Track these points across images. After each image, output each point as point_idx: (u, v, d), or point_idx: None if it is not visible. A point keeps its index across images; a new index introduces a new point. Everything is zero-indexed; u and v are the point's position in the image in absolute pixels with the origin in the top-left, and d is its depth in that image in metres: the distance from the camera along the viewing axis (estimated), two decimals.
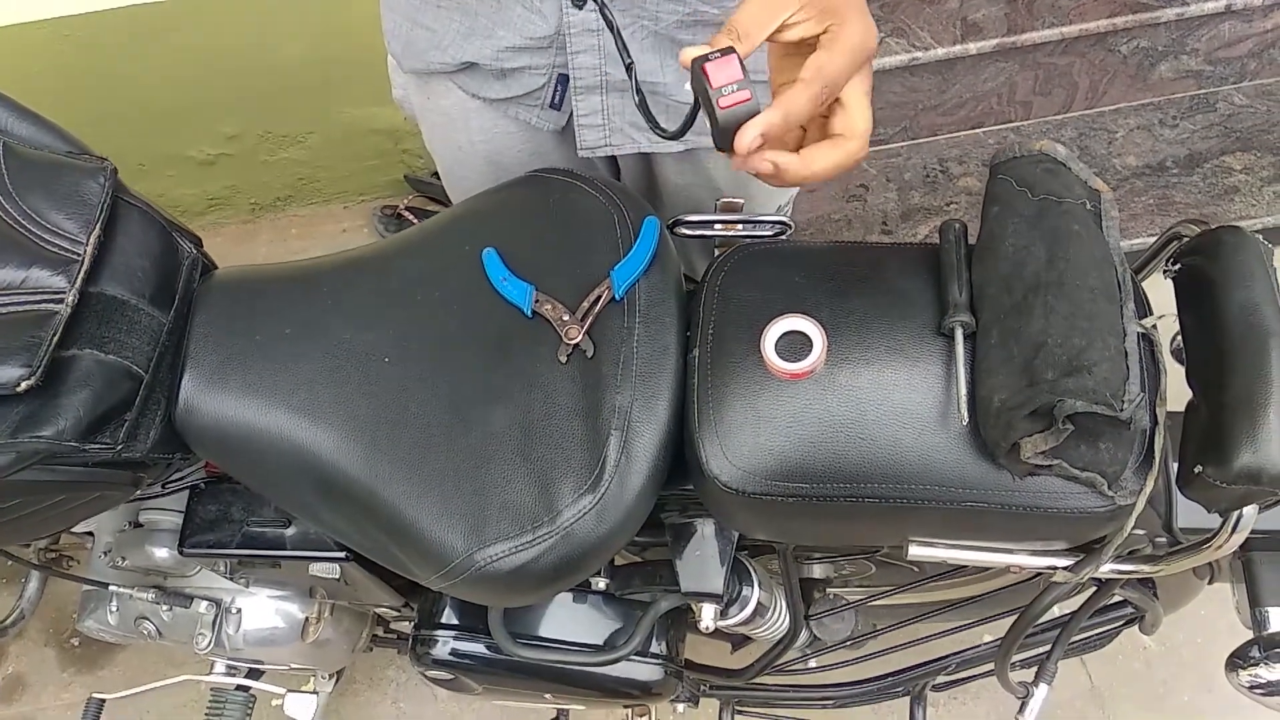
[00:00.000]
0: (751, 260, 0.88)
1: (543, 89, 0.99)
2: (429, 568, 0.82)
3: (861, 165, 2.10)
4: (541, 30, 0.94)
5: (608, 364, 0.83)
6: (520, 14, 0.93)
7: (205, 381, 0.87)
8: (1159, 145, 2.07)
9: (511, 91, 1.00)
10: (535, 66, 0.97)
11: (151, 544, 1.12)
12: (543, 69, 0.97)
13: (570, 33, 0.93)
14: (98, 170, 0.85)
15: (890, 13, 1.96)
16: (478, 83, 1.02)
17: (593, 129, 1.01)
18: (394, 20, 1.04)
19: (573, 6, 0.91)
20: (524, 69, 0.97)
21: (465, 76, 1.03)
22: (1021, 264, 0.77)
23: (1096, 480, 0.73)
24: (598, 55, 0.95)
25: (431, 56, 1.02)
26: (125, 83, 1.87)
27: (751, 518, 0.86)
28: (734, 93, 0.63)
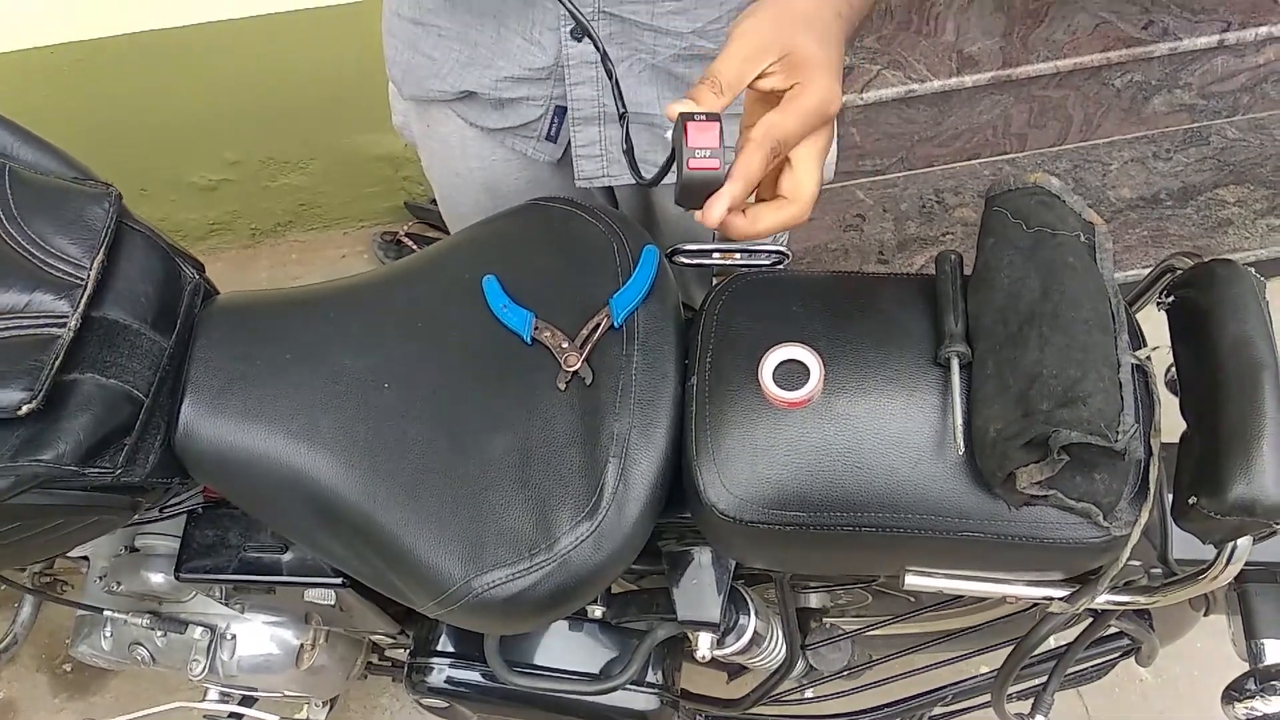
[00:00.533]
0: (749, 289, 0.89)
1: (540, 120, 1.00)
2: (426, 594, 0.82)
3: (858, 195, 2.12)
4: (540, 61, 0.95)
5: (606, 391, 0.84)
6: (520, 45, 0.95)
7: (205, 406, 0.87)
8: (1153, 178, 2.09)
9: (509, 121, 1.02)
10: (533, 97, 0.98)
11: (147, 569, 1.12)
12: (540, 100, 0.99)
13: (569, 65, 0.94)
14: (102, 196, 0.85)
15: (887, 45, 1.99)
16: (476, 112, 1.04)
17: (591, 159, 1.02)
18: (395, 47, 1.06)
19: (571, 39, 0.92)
20: (522, 99, 0.99)
21: (464, 105, 1.04)
22: (1017, 295, 0.78)
23: (1092, 511, 0.73)
24: (595, 87, 0.96)
25: (431, 84, 1.03)
26: (130, 108, 1.89)
27: (749, 546, 0.86)
28: (705, 158, 0.65)
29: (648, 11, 0.91)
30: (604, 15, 0.91)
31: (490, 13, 0.93)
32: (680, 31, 0.93)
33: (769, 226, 0.70)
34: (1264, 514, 0.70)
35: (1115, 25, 1.99)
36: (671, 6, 0.91)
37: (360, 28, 1.76)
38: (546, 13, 0.91)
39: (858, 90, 1.92)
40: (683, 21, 0.93)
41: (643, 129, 1.00)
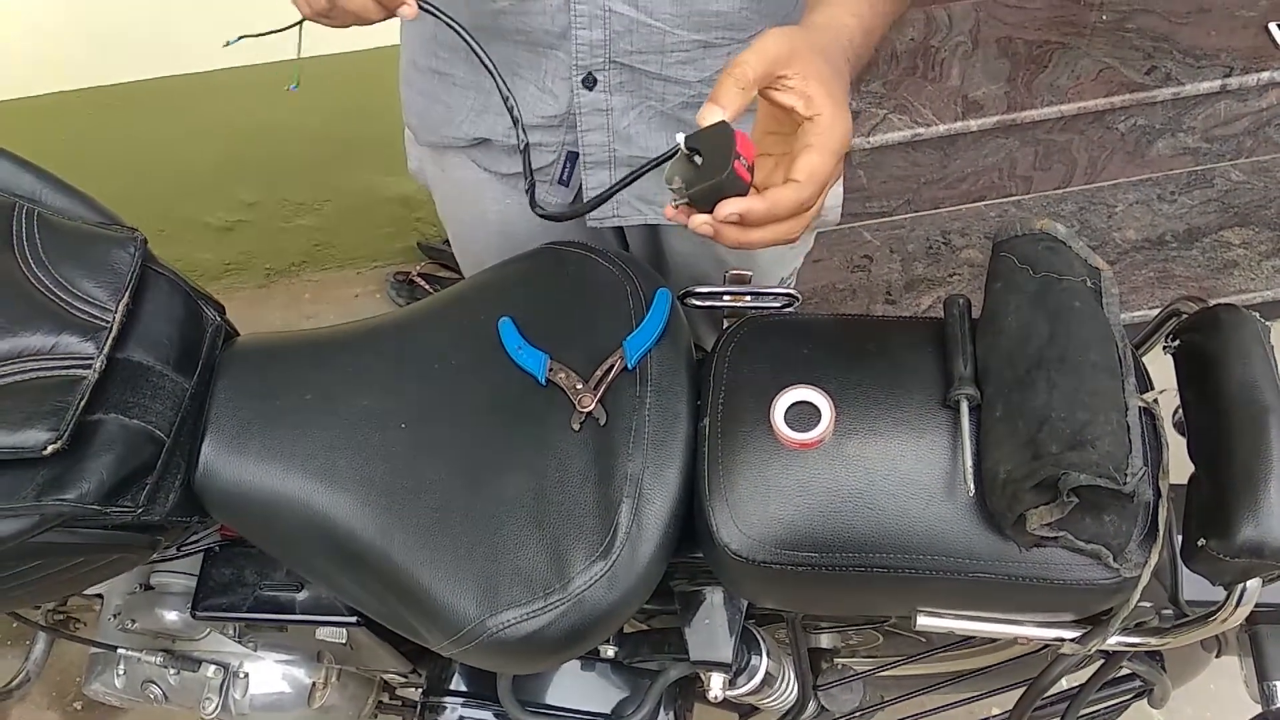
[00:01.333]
0: (760, 332, 0.90)
1: (552, 165, 1.02)
2: (441, 633, 0.83)
3: (865, 236, 2.14)
4: (552, 110, 0.98)
5: (620, 432, 0.85)
6: (533, 94, 0.97)
7: (225, 446, 0.89)
8: (1158, 220, 2.11)
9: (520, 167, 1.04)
10: (545, 144, 1.01)
11: (162, 607, 1.13)
12: (553, 146, 1.01)
13: (580, 112, 0.97)
14: (128, 240, 0.87)
15: (893, 90, 2.02)
16: (490, 158, 1.06)
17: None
18: (411, 96, 1.09)
19: (583, 88, 0.95)
20: (535, 145, 1.01)
21: (478, 152, 1.06)
22: (1025, 339, 0.79)
23: (1102, 552, 0.74)
24: (606, 134, 0.98)
25: (446, 130, 1.06)
26: (149, 151, 1.92)
27: (761, 586, 0.87)
28: (744, 168, 0.67)
29: (657, 62, 0.93)
30: (614, 65, 0.93)
31: (504, 63, 0.95)
32: (688, 80, 0.96)
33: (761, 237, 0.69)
34: (1272, 556, 0.71)
35: (1119, 70, 2.02)
36: (680, 57, 0.93)
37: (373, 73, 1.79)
38: (559, 63, 0.94)
39: (865, 134, 1.95)
40: (691, 71, 0.95)
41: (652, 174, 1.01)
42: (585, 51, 0.92)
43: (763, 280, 1.17)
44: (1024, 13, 2.13)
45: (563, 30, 0.91)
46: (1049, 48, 2.07)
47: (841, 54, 0.73)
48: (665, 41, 0.92)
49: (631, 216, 1.07)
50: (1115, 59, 2.04)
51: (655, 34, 0.91)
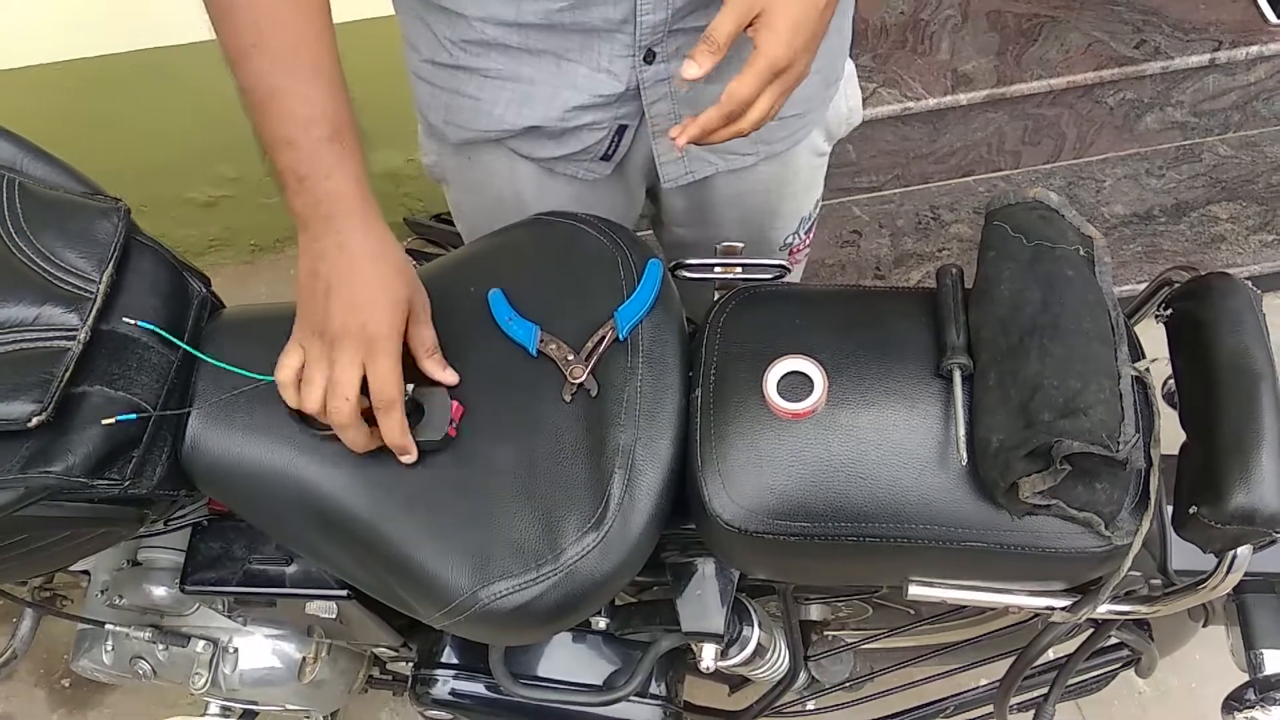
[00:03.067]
0: (752, 303, 0.90)
1: (600, 143, 1.00)
2: (432, 605, 0.83)
3: (854, 211, 2.13)
4: (612, 89, 0.95)
5: (612, 404, 0.85)
6: (585, 75, 0.94)
7: (212, 419, 0.88)
8: (1146, 194, 2.11)
9: (567, 149, 1.01)
10: (598, 122, 0.98)
11: (150, 582, 1.12)
12: (604, 123, 0.99)
13: (645, 87, 0.95)
14: (111, 210, 0.86)
15: (883, 64, 2.01)
16: (533, 144, 1.03)
17: (673, 163, 1.04)
18: (430, 91, 1.03)
19: (644, 64, 0.93)
20: (586, 126, 0.99)
21: (519, 140, 1.03)
22: (1017, 308, 0.79)
23: (1094, 520, 0.74)
24: (671, 101, 0.97)
25: (482, 125, 1.02)
26: (131, 125, 1.89)
27: (753, 556, 0.87)
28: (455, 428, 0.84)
29: (706, 15, 0.91)
30: (673, 33, 0.91)
31: (553, 50, 0.94)
32: None
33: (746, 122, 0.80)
34: (1263, 523, 0.71)
35: (1108, 44, 2.01)
36: None
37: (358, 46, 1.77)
38: (618, 44, 0.92)
39: None
40: None
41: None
42: (648, 33, 0.90)
43: (787, 219, 1.18)
44: None
45: (624, 17, 0.89)
46: (1038, 21, 2.06)
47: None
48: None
49: (702, 169, 1.06)
50: (1104, 32, 2.03)
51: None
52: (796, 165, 1.11)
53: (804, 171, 1.13)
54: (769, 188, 1.12)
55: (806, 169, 1.13)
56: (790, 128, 1.06)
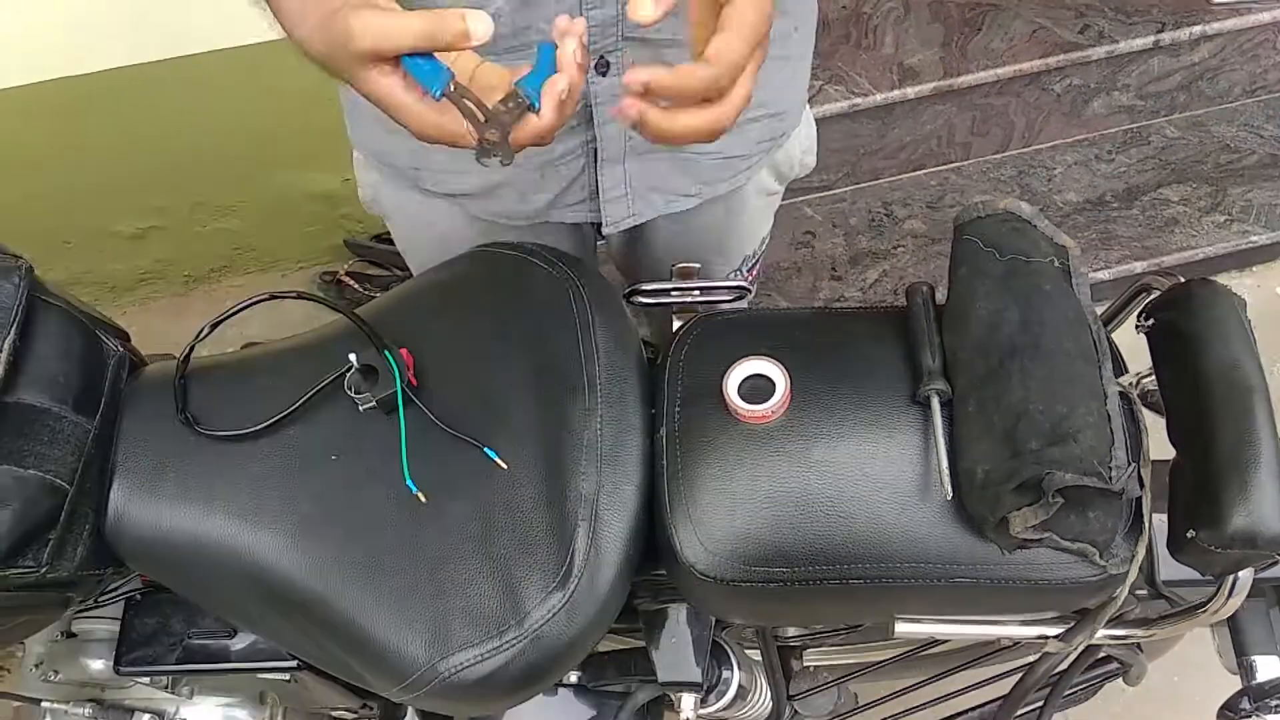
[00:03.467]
0: (715, 331, 0.85)
1: (583, 174, 0.94)
2: (388, 680, 0.77)
3: (806, 212, 2.09)
4: None
5: (570, 449, 0.79)
6: None
7: (137, 489, 0.81)
8: (1097, 180, 2.10)
9: (554, 190, 0.95)
10: (569, 152, 0.92)
11: (86, 655, 1.04)
12: (576, 151, 0.92)
13: (596, 103, 0.88)
14: (11, 270, 0.79)
15: (827, 60, 1.97)
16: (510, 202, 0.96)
17: (616, 202, 0.97)
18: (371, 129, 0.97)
19: (597, 74, 0.86)
20: (561, 159, 0.92)
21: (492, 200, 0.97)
22: (995, 327, 0.75)
23: (1088, 550, 0.70)
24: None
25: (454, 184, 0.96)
26: (48, 159, 1.80)
27: (729, 604, 0.82)
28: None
29: (671, 25, 0.84)
30: (627, 41, 0.85)
31: None
32: None
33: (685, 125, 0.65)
34: (1266, 546, 0.68)
35: (1051, 31, 1.99)
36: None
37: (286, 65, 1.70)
38: None
39: None
40: None
41: (665, 157, 0.95)
42: (598, 32, 0.82)
43: (732, 256, 1.12)
44: None
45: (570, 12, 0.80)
46: (981, 10, 2.04)
47: None
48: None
49: (645, 212, 0.99)
50: (1048, 19, 2.01)
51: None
52: (744, 205, 1.06)
53: (751, 211, 1.08)
54: (714, 226, 1.07)
55: (754, 209, 1.08)
56: (734, 168, 1.00)
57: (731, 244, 1.10)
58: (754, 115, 0.95)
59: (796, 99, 1.02)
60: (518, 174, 0.94)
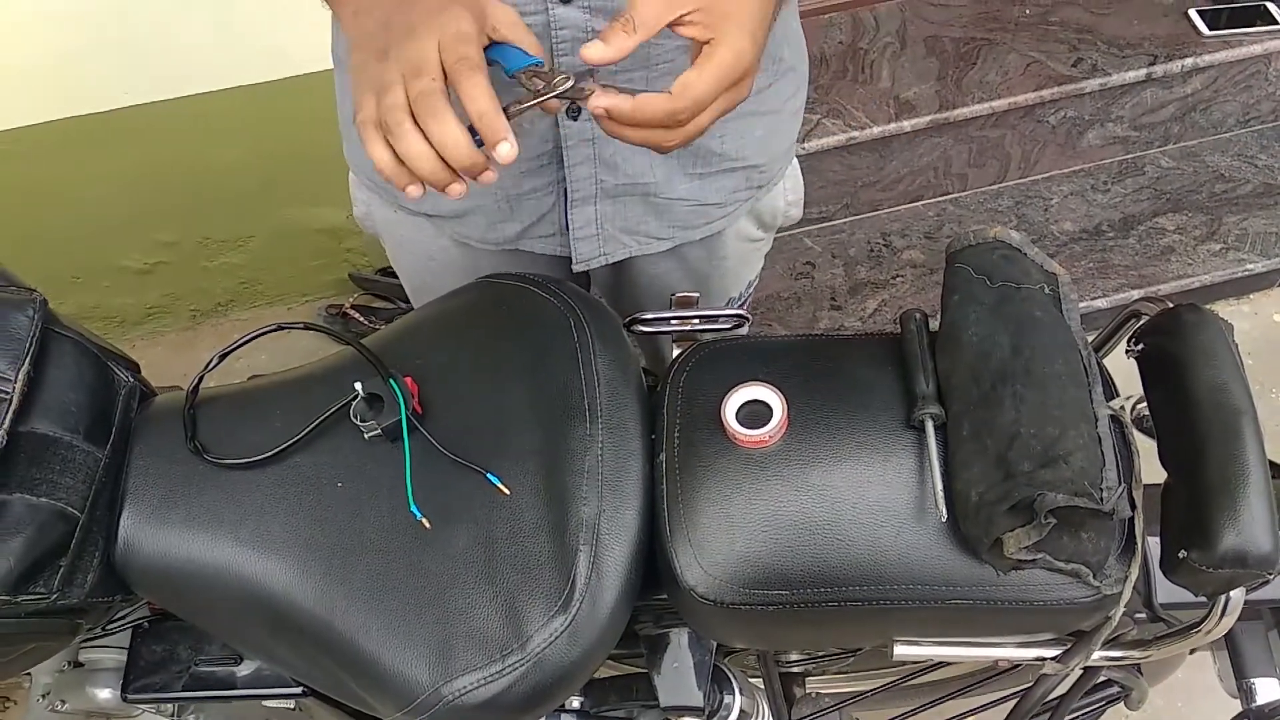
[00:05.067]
0: (713, 358, 0.86)
1: (553, 210, 0.97)
2: (392, 704, 0.77)
3: (806, 243, 2.12)
4: (537, 149, 0.92)
5: (572, 475, 0.80)
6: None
7: (146, 517, 0.82)
8: (1093, 210, 2.12)
9: (522, 221, 0.98)
10: (538, 188, 0.95)
11: (93, 685, 1.05)
12: (547, 188, 0.95)
13: (567, 145, 0.91)
14: (25, 303, 0.80)
15: (825, 94, 2.00)
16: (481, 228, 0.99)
17: (587, 240, 0.99)
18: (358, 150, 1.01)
19: (569, 119, 0.89)
20: (529, 193, 0.95)
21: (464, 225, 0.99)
22: (987, 353, 0.76)
23: (1082, 571, 0.71)
24: (593, 164, 0.93)
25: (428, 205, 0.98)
26: (56, 196, 1.83)
27: (730, 627, 0.83)
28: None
29: (643, 78, 0.87)
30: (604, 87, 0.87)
31: None
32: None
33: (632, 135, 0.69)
34: (1256, 564, 0.69)
35: (1045, 64, 2.02)
36: (665, 69, 0.87)
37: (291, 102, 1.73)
38: None
39: (800, 140, 1.92)
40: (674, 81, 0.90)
41: (638, 200, 0.98)
42: None
43: (714, 297, 1.14)
44: (949, 10, 2.14)
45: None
46: (975, 44, 2.07)
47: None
48: (650, 54, 0.86)
49: (616, 252, 1.02)
50: (1041, 53, 2.05)
51: (640, 47, 0.85)
52: (723, 250, 1.07)
53: (732, 257, 1.09)
54: (695, 268, 1.08)
55: (736, 253, 1.09)
56: (709, 215, 1.02)
57: (714, 285, 1.11)
58: (730, 166, 0.97)
59: (777, 152, 1.03)
60: (487, 202, 0.96)
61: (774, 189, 1.06)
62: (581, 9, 0.82)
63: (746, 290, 1.18)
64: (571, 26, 0.83)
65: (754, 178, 1.02)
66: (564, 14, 0.82)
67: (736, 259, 1.10)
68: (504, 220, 0.99)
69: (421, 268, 1.10)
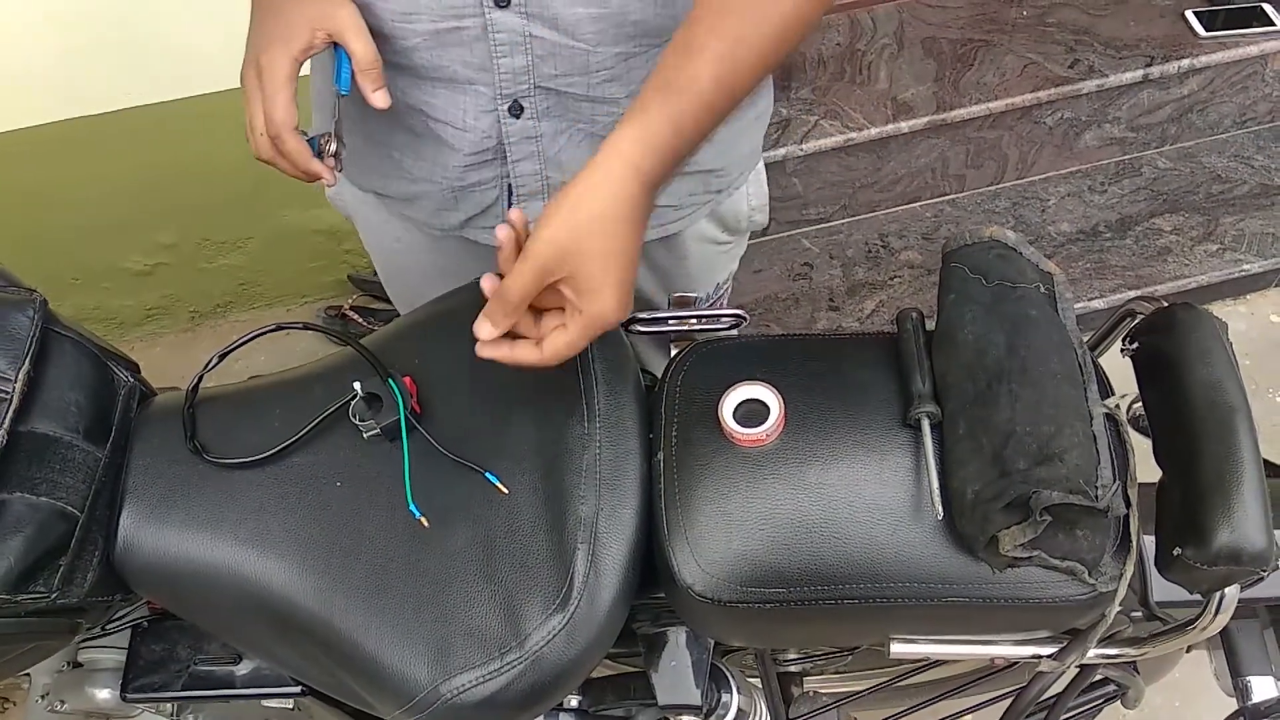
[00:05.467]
0: (711, 357, 0.87)
1: (496, 203, 0.98)
2: (391, 702, 0.78)
3: (804, 244, 2.12)
4: (479, 145, 0.93)
5: (570, 474, 0.81)
6: (452, 134, 0.93)
7: (146, 517, 0.82)
8: (1090, 211, 2.13)
9: (465, 212, 0.99)
10: (483, 181, 0.97)
11: (92, 685, 1.05)
12: (491, 182, 0.97)
13: (510, 142, 0.93)
14: (26, 303, 0.81)
15: (823, 95, 2.01)
16: (427, 213, 1.01)
17: None
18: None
19: (510, 117, 0.90)
20: (474, 186, 0.97)
21: (409, 207, 1.01)
22: (983, 352, 0.76)
23: (1077, 568, 0.72)
24: (538, 161, 0.95)
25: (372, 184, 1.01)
26: (56, 197, 1.83)
27: (727, 625, 0.83)
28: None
29: (583, 83, 0.89)
30: (540, 90, 0.89)
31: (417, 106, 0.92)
32: (616, 98, 0.92)
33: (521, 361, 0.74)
34: (1250, 561, 0.69)
35: (1042, 65, 2.03)
36: (605, 75, 0.90)
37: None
38: (480, 96, 0.90)
39: (798, 141, 1.94)
40: (616, 88, 0.91)
41: None
42: (509, 79, 0.88)
43: (696, 289, 1.15)
44: (946, 12, 2.14)
45: (482, 62, 0.87)
46: (973, 46, 2.08)
47: (625, 187, 0.72)
48: (590, 61, 0.88)
49: None
50: (1038, 54, 2.05)
51: (579, 55, 0.87)
52: (683, 250, 1.09)
53: (693, 257, 1.10)
54: (658, 266, 1.10)
55: (699, 254, 1.10)
56: (663, 217, 1.03)
57: (678, 284, 1.12)
58: (685, 171, 0.99)
59: (736, 157, 1.04)
60: (432, 189, 0.99)
61: (736, 193, 1.07)
62: (518, 14, 0.84)
63: (716, 293, 1.19)
64: (508, 30, 0.85)
65: (712, 182, 1.03)
66: (500, 18, 0.84)
67: (699, 259, 1.11)
68: (448, 209, 1.00)
69: (389, 249, 1.12)
